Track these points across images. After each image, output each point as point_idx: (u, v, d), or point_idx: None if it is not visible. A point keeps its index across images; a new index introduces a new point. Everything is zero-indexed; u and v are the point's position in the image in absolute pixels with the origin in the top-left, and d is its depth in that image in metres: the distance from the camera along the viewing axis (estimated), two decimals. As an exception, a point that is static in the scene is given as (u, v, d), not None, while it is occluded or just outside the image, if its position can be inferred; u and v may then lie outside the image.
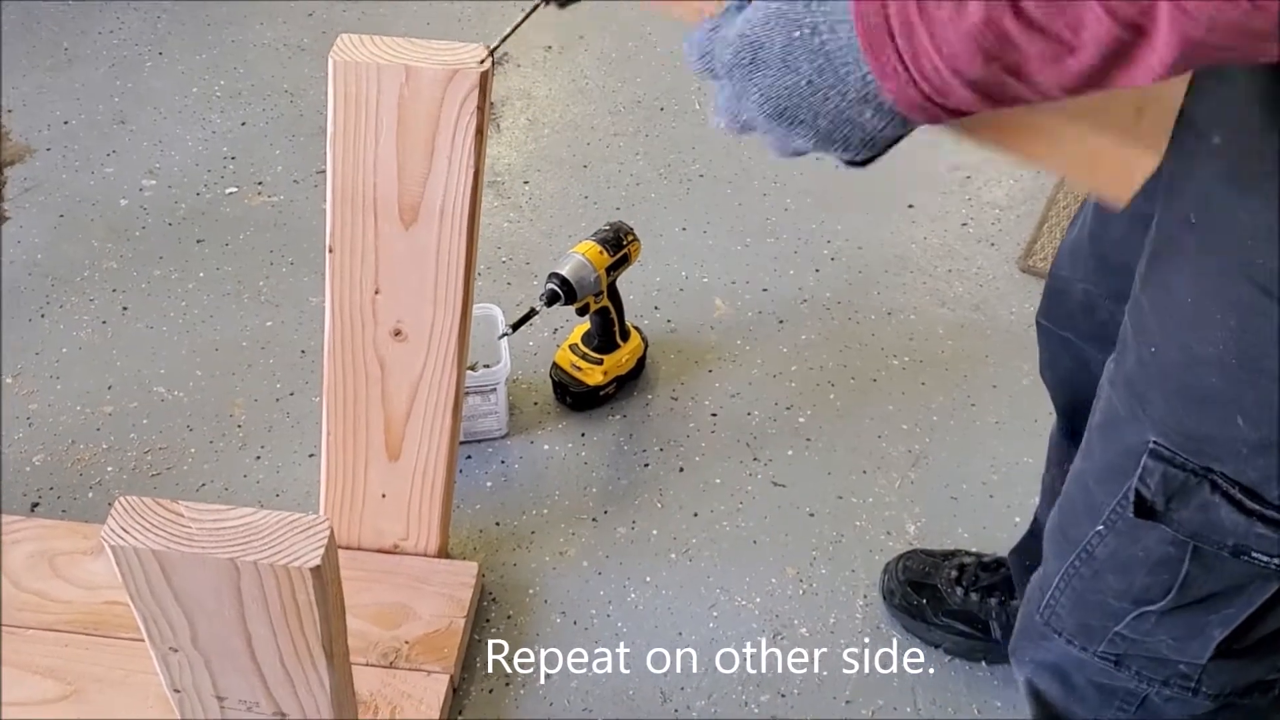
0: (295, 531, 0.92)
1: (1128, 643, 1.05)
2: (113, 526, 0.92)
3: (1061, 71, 0.64)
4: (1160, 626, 1.01)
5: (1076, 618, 1.08)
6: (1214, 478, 0.90)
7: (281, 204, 2.38)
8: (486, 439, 1.92)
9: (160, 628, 0.99)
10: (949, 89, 0.66)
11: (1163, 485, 0.94)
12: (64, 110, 2.60)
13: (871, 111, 0.70)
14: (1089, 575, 1.05)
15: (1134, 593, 1.01)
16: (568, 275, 1.82)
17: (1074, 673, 1.13)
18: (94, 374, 2.02)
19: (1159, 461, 0.93)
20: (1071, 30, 0.61)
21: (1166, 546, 0.96)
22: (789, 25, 0.71)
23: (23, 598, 1.59)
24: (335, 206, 1.41)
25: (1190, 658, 1.01)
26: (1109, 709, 1.11)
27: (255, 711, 1.09)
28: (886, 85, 0.68)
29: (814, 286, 2.21)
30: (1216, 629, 0.98)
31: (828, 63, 0.70)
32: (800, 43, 0.71)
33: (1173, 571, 0.97)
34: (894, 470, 1.89)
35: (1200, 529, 0.93)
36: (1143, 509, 0.96)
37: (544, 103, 2.68)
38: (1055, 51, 0.63)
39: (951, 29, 0.64)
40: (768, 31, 0.72)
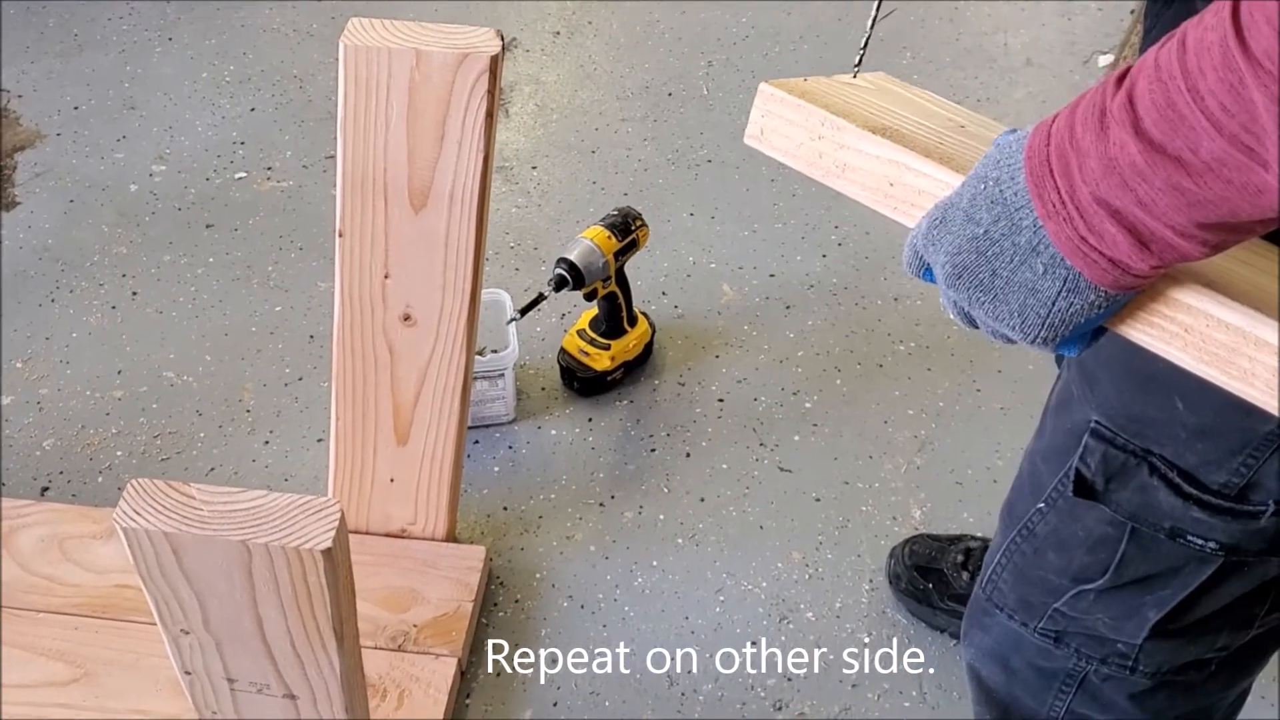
0: (306, 514, 0.93)
1: (1067, 620, 1.06)
2: (124, 509, 0.93)
3: (1181, 200, 0.61)
4: (1098, 605, 1.02)
5: (1017, 593, 1.09)
6: (1153, 460, 0.91)
7: (291, 189, 2.38)
8: (494, 424, 1.93)
9: (171, 610, 1.00)
10: (1100, 226, 0.64)
11: (1103, 465, 0.95)
12: (74, 96, 2.61)
13: (1043, 267, 0.67)
14: (1030, 552, 1.07)
15: (1073, 570, 1.03)
16: (576, 260, 1.83)
17: (1013, 656, 1.14)
18: (104, 359, 2.03)
19: (1100, 441, 0.94)
20: (1191, 150, 0.59)
21: (1105, 526, 0.98)
22: (977, 180, 0.70)
23: (32, 581, 1.60)
24: (345, 191, 1.42)
25: (1127, 637, 1.02)
26: (1049, 692, 1.12)
27: (266, 694, 1.09)
28: (1049, 226, 0.66)
29: (821, 272, 2.21)
30: (1151, 610, 0.99)
31: (1004, 210, 0.68)
32: (984, 194, 0.69)
33: (1110, 551, 0.98)
34: (900, 455, 1.89)
35: (1138, 510, 0.94)
36: (1082, 488, 0.97)
37: (552, 88, 2.68)
38: (1173, 176, 0.60)
39: (1093, 156, 0.63)
40: (959, 191, 0.72)
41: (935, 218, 0.73)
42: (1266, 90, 0.55)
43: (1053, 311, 0.68)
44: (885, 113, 0.85)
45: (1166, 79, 0.60)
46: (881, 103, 0.87)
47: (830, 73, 0.93)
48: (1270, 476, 0.87)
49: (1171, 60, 0.60)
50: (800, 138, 0.83)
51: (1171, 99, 0.59)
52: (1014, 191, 0.68)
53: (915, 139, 0.80)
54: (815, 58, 2.76)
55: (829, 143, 0.82)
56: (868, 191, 0.81)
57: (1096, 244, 0.65)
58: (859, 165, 0.81)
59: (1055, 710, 1.12)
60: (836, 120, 0.82)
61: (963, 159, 0.78)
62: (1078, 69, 2.76)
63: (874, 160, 0.80)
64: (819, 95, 0.84)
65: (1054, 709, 1.12)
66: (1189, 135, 0.59)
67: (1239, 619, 1.00)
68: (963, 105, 0.92)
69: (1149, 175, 0.61)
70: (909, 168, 0.78)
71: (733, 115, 2.58)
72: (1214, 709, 1.10)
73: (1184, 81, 0.59)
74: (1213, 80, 0.57)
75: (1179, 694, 1.07)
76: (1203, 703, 1.09)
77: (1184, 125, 0.59)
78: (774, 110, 0.84)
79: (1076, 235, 0.65)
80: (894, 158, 0.79)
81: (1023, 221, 0.67)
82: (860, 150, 0.81)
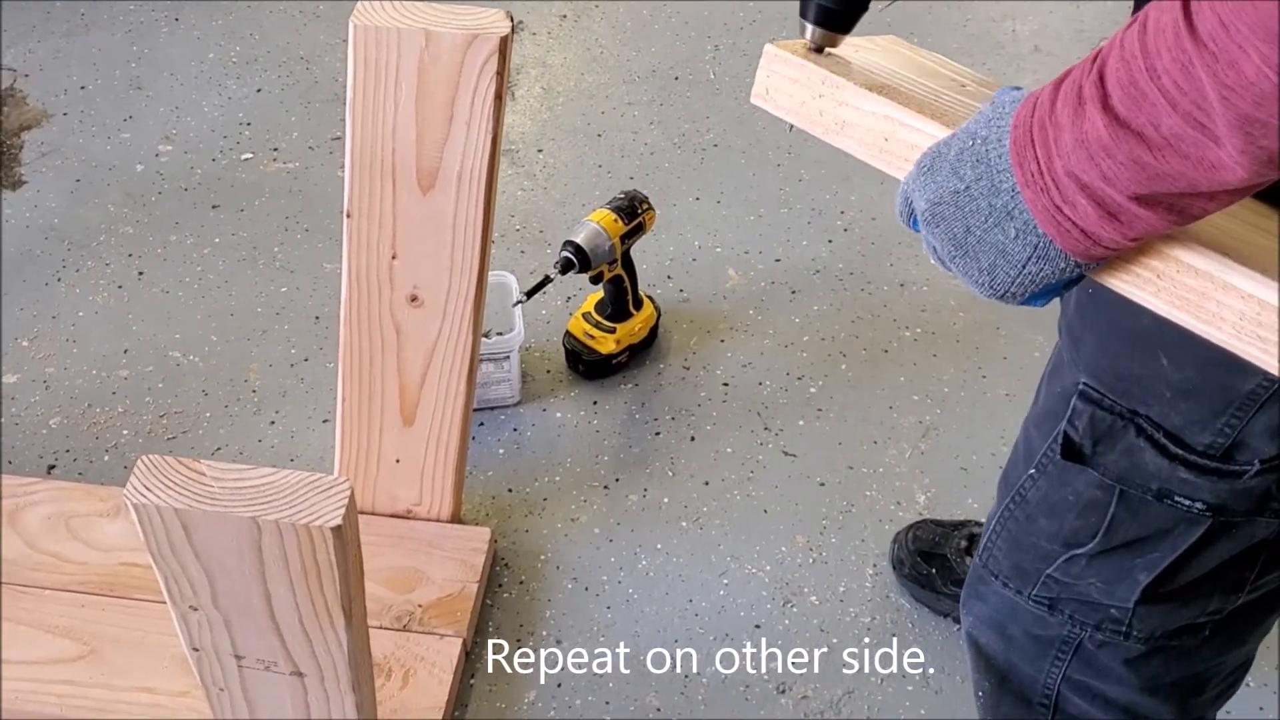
0: (316, 491, 0.93)
1: (1060, 586, 1.07)
2: (135, 484, 0.93)
3: (1142, 174, 0.64)
4: (1089, 569, 1.04)
5: (1011, 560, 1.11)
6: (1139, 421, 0.93)
7: (297, 170, 2.38)
8: (499, 406, 1.93)
9: (180, 586, 1.00)
10: (1073, 198, 0.67)
11: (1090, 428, 0.96)
12: (80, 75, 2.60)
13: (1015, 231, 0.71)
14: (1022, 519, 1.08)
15: (1064, 535, 1.04)
16: (582, 243, 1.83)
17: (1009, 624, 1.15)
18: (110, 338, 2.03)
19: (1087, 404, 0.96)
20: (1153, 126, 0.63)
21: (1094, 490, 0.99)
22: (967, 135, 0.74)
23: (39, 558, 1.60)
24: (354, 172, 1.42)
25: (1119, 601, 1.03)
26: (1045, 659, 1.13)
27: (273, 671, 1.09)
28: (1026, 193, 0.70)
29: (827, 257, 2.21)
30: (1142, 573, 1.00)
31: (987, 170, 0.72)
32: (970, 151, 0.73)
33: (1100, 515, 1.00)
34: (904, 441, 1.90)
35: (1126, 472, 0.95)
36: (1071, 451, 0.98)
37: (559, 71, 2.68)
38: (1135, 151, 0.64)
39: (1068, 130, 0.66)
40: (949, 141, 0.75)
41: (924, 164, 0.76)
42: (1210, 70, 0.59)
43: (1022, 274, 0.72)
44: (887, 73, 0.88)
45: (1129, 58, 0.63)
46: (885, 63, 0.90)
47: None
48: (1254, 436, 0.88)
49: (1133, 40, 0.63)
50: (802, 96, 0.87)
51: (1134, 77, 0.63)
52: (998, 154, 0.71)
53: (911, 96, 0.84)
54: (822, 43, 2.76)
55: (829, 100, 0.85)
56: (865, 147, 0.85)
57: (1070, 214, 0.68)
58: (856, 122, 0.84)
59: (1052, 677, 1.13)
60: (835, 79, 0.85)
61: (956, 115, 0.81)
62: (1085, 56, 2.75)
63: (870, 117, 0.83)
64: (822, 57, 0.88)
65: (1050, 676, 1.13)
66: (1150, 111, 0.62)
67: (1229, 582, 1.01)
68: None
69: (1113, 150, 0.64)
70: (903, 124, 0.82)
71: (739, 100, 2.58)
72: (1209, 676, 1.11)
73: (1143, 61, 0.62)
74: (1167, 59, 0.61)
75: (1173, 659, 1.08)
76: (1198, 668, 1.09)
77: (1145, 102, 0.62)
78: (778, 70, 0.88)
79: (1051, 205, 0.68)
80: (889, 114, 0.82)
81: (1002, 185, 0.71)
82: (858, 107, 0.84)
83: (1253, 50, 0.57)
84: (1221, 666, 1.11)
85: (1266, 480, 0.89)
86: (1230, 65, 0.58)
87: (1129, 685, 1.10)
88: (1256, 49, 0.57)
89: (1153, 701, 1.10)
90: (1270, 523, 0.94)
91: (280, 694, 1.13)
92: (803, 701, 1.57)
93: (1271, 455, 0.88)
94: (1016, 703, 1.19)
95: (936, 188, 0.74)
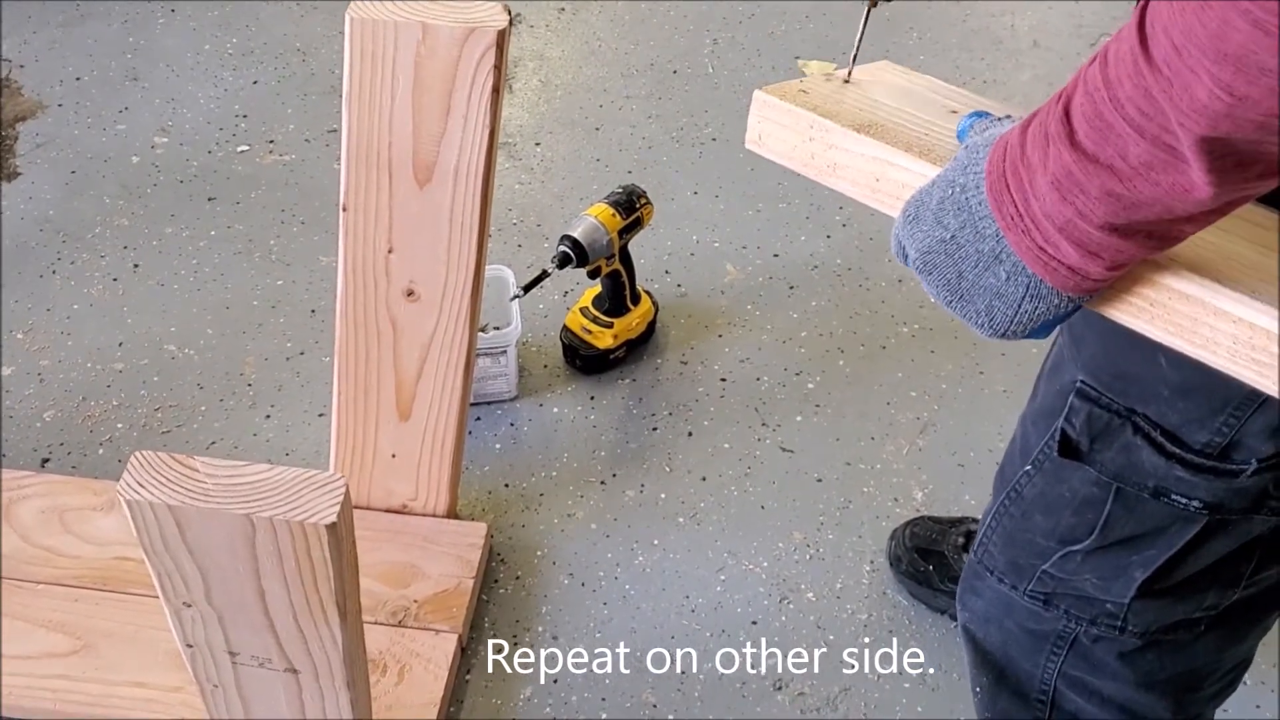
0: (311, 488, 0.92)
1: (1055, 581, 1.07)
2: (129, 480, 0.92)
3: (1117, 204, 0.65)
4: (1085, 566, 1.03)
5: (1007, 556, 1.11)
6: (1136, 419, 0.93)
7: (293, 163, 2.37)
8: (496, 401, 1.92)
9: (174, 582, 1.00)
10: (1054, 238, 0.68)
11: (1087, 425, 0.96)
12: (76, 66, 2.59)
13: (1005, 272, 0.72)
14: (1018, 515, 1.08)
15: (1060, 532, 1.04)
16: (579, 238, 1.82)
17: (1005, 619, 1.15)
18: (105, 331, 2.02)
19: (1085, 401, 0.96)
20: (1121, 157, 0.63)
21: (1091, 487, 0.99)
22: (946, 184, 0.74)
23: (32, 552, 1.60)
24: (350, 165, 1.41)
25: (1114, 597, 1.03)
26: (1040, 654, 1.13)
27: (267, 667, 1.09)
28: (1010, 237, 0.70)
29: (825, 253, 2.21)
30: (1138, 570, 1.00)
31: (969, 218, 0.72)
32: (951, 200, 0.74)
33: (1096, 512, 1.00)
34: (902, 437, 1.89)
35: (1122, 470, 0.95)
36: (1068, 448, 0.98)
37: (557, 64, 2.67)
38: (1109, 182, 0.64)
39: (1039, 172, 0.67)
40: (929, 190, 0.76)
41: (909, 213, 0.77)
42: (1166, 94, 0.59)
43: (1019, 313, 0.73)
44: (875, 107, 0.88)
45: (1092, 91, 0.64)
46: (875, 97, 0.90)
47: (833, 54, 0.95)
48: (1251, 435, 0.88)
49: (1095, 74, 0.64)
50: (793, 140, 0.88)
51: (1099, 109, 0.63)
52: (978, 201, 0.72)
53: (900, 133, 0.84)
54: (821, 36, 2.75)
55: (819, 143, 0.87)
56: (858, 188, 0.86)
57: (1054, 253, 0.69)
58: (847, 163, 0.85)
59: (1048, 672, 1.13)
60: (823, 122, 0.86)
61: (944, 150, 0.82)
62: (1084, 52, 2.75)
63: (860, 158, 0.84)
64: (811, 98, 0.89)
65: (1046, 670, 1.13)
66: (1117, 142, 0.63)
67: (1225, 577, 1.01)
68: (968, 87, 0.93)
69: (1085, 185, 0.65)
70: (891, 163, 0.83)
71: (738, 94, 2.57)
72: (1206, 672, 1.11)
73: (1106, 92, 0.63)
74: (1129, 87, 0.61)
75: (1169, 654, 1.08)
76: (1193, 664, 1.09)
77: (1112, 133, 0.63)
78: (768, 115, 0.89)
79: (1035, 245, 0.69)
80: (877, 154, 0.83)
81: (986, 230, 0.71)
82: (847, 149, 0.85)
83: (1204, 73, 0.57)
84: (1218, 663, 1.11)
85: (1263, 479, 0.89)
86: (1184, 89, 0.59)
87: (1124, 680, 1.10)
88: (1208, 71, 0.57)
89: (1148, 697, 1.10)
90: (1267, 519, 0.94)
91: (275, 691, 1.12)
92: (799, 698, 1.57)
93: (1268, 455, 0.88)
94: (1013, 698, 1.19)
95: (924, 236, 0.75)
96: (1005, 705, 1.20)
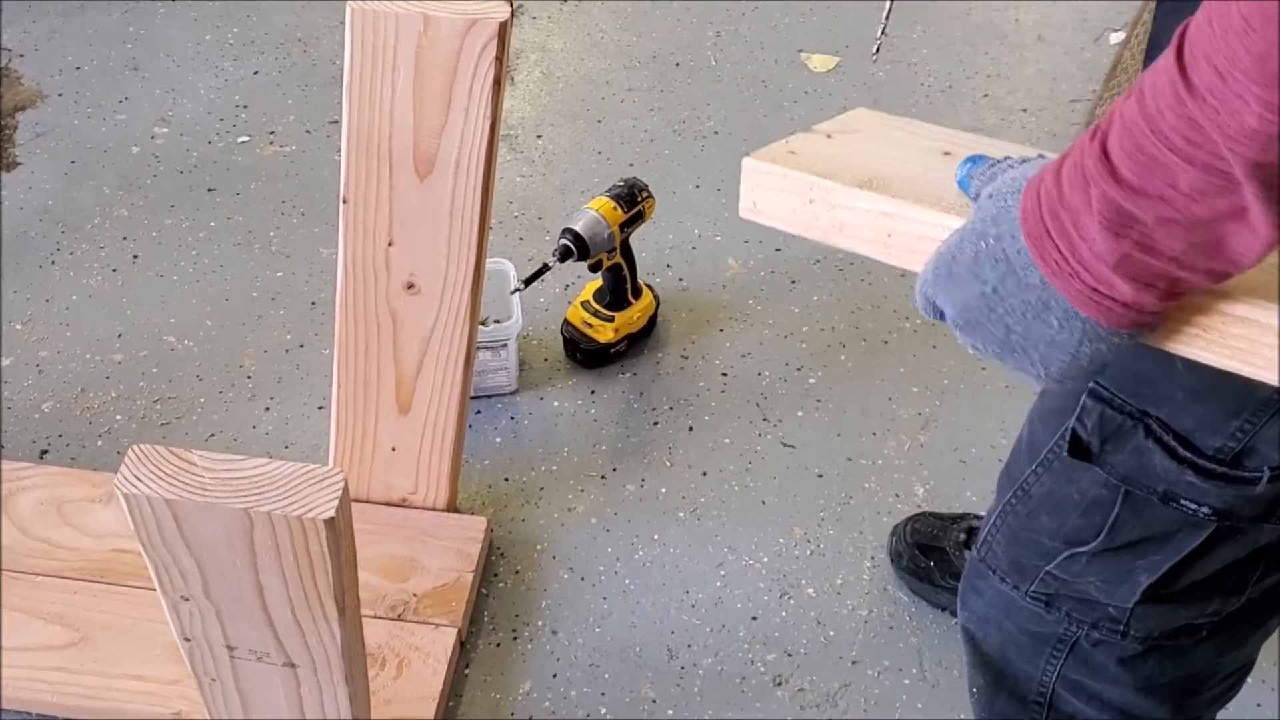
0: (309, 483, 0.92)
1: (1058, 583, 1.06)
2: (126, 474, 0.92)
3: (1176, 233, 0.63)
4: (1090, 568, 1.03)
5: (1010, 555, 1.10)
6: (1149, 422, 0.92)
7: (294, 154, 2.36)
8: (496, 395, 1.92)
9: (171, 576, 0.99)
10: (1106, 277, 0.66)
11: (1099, 426, 0.95)
12: (76, 56, 2.59)
13: (1056, 320, 0.69)
14: (1024, 514, 1.07)
15: (1066, 533, 1.03)
16: (581, 231, 1.81)
17: (1005, 620, 1.14)
18: (104, 322, 2.02)
19: (1098, 402, 0.94)
20: (1171, 186, 0.61)
21: (1099, 489, 0.98)
22: (976, 237, 0.72)
23: (31, 544, 1.59)
24: (350, 157, 1.40)
25: (1118, 601, 1.03)
26: (1040, 656, 1.12)
27: (265, 662, 1.09)
28: (1057, 284, 0.68)
29: (827, 248, 2.19)
30: (1144, 574, 1.00)
31: (1009, 268, 0.70)
32: (986, 253, 0.71)
33: (1104, 514, 0.99)
34: (904, 433, 1.89)
35: (1132, 473, 0.94)
36: (1078, 449, 0.97)
37: (559, 56, 2.66)
38: (1163, 210, 0.62)
39: (1084, 213, 0.65)
40: (959, 245, 0.73)
41: (940, 270, 0.74)
42: (1213, 123, 0.58)
43: (1077, 357, 0.70)
44: (871, 159, 0.85)
45: (1131, 126, 0.62)
46: (866, 149, 0.88)
47: (836, 47, 0.94)
48: (1266, 443, 0.87)
49: (1133, 109, 0.62)
50: (793, 204, 0.84)
51: (1140, 144, 0.62)
52: (1015, 250, 0.69)
53: (903, 184, 0.81)
54: (824, 30, 2.74)
55: (821, 204, 0.83)
56: (869, 246, 0.82)
57: (1108, 292, 0.66)
58: (854, 221, 0.82)
59: (1047, 674, 1.13)
60: (824, 183, 0.82)
61: (953, 196, 0.79)
62: (1089, 46, 2.74)
63: (867, 214, 0.81)
64: (803, 158, 0.85)
65: (1045, 673, 1.13)
66: (1165, 173, 0.61)
67: (1231, 584, 1.00)
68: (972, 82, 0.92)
69: (1139, 217, 0.63)
70: (903, 216, 0.79)
71: (740, 87, 2.56)
72: (1206, 676, 1.11)
73: (1147, 125, 0.61)
74: (1171, 119, 0.60)
75: (1169, 659, 1.07)
76: (1194, 669, 1.09)
77: (1158, 166, 0.61)
78: (762, 182, 0.85)
79: (1086, 288, 0.66)
80: (886, 209, 0.80)
81: (1029, 279, 0.69)
82: (852, 207, 0.82)
83: (1252, 98, 0.56)
84: (1219, 668, 1.11)
85: (1275, 487, 0.88)
86: (1232, 115, 0.57)
87: (1124, 685, 1.09)
88: (1255, 95, 0.56)
89: (1148, 702, 1.10)
90: (1276, 528, 0.93)
91: (273, 685, 1.12)
92: (799, 694, 1.56)
93: None
94: (1011, 700, 1.18)
95: (962, 293, 0.72)
96: (1002, 707, 1.20)
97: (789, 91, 2.55)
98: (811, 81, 2.58)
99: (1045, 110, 2.53)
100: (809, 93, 2.54)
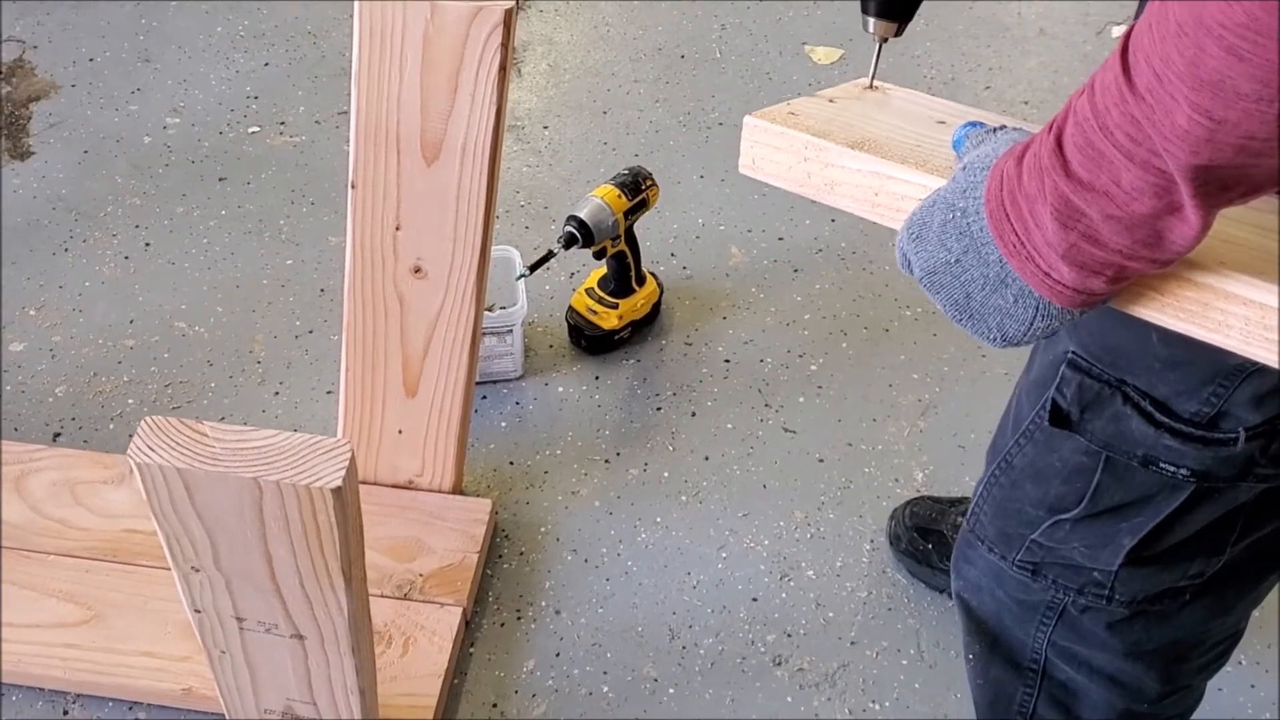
0: (317, 453, 0.94)
1: (1044, 550, 1.08)
2: (139, 445, 0.94)
3: (1119, 228, 0.66)
4: (1074, 534, 1.05)
5: (997, 525, 1.13)
6: (1126, 390, 0.94)
7: (303, 144, 2.39)
8: (502, 380, 1.94)
9: (183, 546, 1.01)
10: (1056, 264, 0.69)
11: (1078, 395, 0.98)
12: (89, 47, 2.61)
13: (1013, 295, 0.73)
14: (1008, 484, 1.10)
15: (1049, 501, 1.05)
16: (585, 218, 1.84)
17: (996, 589, 1.17)
18: (116, 308, 2.05)
19: (1076, 372, 0.97)
20: (1115, 183, 0.64)
21: (1080, 456, 1.01)
22: (946, 207, 0.75)
23: (44, 524, 1.62)
24: (358, 142, 1.43)
25: (1102, 565, 1.05)
26: (1031, 624, 1.15)
27: (274, 633, 1.11)
28: (1013, 264, 0.72)
29: (829, 236, 2.22)
30: (1126, 537, 1.02)
31: (972, 243, 0.74)
32: (952, 224, 0.75)
33: (1086, 480, 1.01)
34: (904, 419, 1.91)
35: (1112, 439, 0.97)
36: (1058, 418, 1.00)
37: (565, 48, 2.68)
38: (1107, 207, 0.65)
39: (1038, 201, 0.68)
40: (930, 210, 0.77)
41: (913, 231, 0.78)
42: (1150, 121, 0.61)
43: (1031, 329, 0.74)
44: (865, 124, 0.90)
45: (1082, 121, 0.65)
46: (862, 114, 0.92)
47: (840, 39, 0.96)
48: (1239, 405, 0.90)
49: (1084, 104, 0.65)
50: (789, 161, 0.89)
51: (1089, 139, 0.65)
52: (979, 227, 0.73)
53: (894, 147, 0.86)
54: (828, 22, 2.76)
55: (815, 163, 0.88)
56: (857, 204, 0.87)
57: (1059, 278, 0.70)
58: (845, 180, 0.86)
59: (1039, 642, 1.15)
60: (818, 142, 0.87)
61: (939, 160, 0.83)
62: (1090, 39, 2.76)
63: (857, 174, 0.85)
64: (801, 119, 0.90)
65: (1037, 640, 1.15)
66: (1110, 170, 0.64)
67: (1210, 545, 1.02)
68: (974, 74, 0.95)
69: (1086, 211, 0.66)
70: (889, 177, 0.84)
71: (745, 79, 2.58)
72: (1193, 643, 1.13)
73: (1095, 121, 0.64)
74: (1116, 115, 0.63)
75: (1155, 624, 1.09)
76: (1180, 634, 1.11)
77: (1104, 161, 0.64)
78: (760, 140, 0.90)
79: (1040, 271, 0.70)
80: (875, 169, 0.84)
81: (989, 256, 0.73)
82: (844, 166, 0.86)
83: (1183, 99, 0.59)
84: (1205, 634, 1.13)
85: (1250, 447, 0.91)
86: (1166, 115, 0.60)
87: (1112, 651, 1.12)
88: (1186, 97, 0.58)
89: (1137, 667, 1.12)
90: (1253, 486, 0.95)
91: (281, 656, 1.14)
92: (798, 674, 1.59)
93: (1255, 423, 0.90)
94: (1006, 667, 1.20)
95: (929, 257, 0.76)
96: (997, 674, 1.22)
97: (793, 84, 2.57)
98: (815, 74, 2.60)
99: (1047, 103, 2.55)
100: (813, 85, 2.56)
